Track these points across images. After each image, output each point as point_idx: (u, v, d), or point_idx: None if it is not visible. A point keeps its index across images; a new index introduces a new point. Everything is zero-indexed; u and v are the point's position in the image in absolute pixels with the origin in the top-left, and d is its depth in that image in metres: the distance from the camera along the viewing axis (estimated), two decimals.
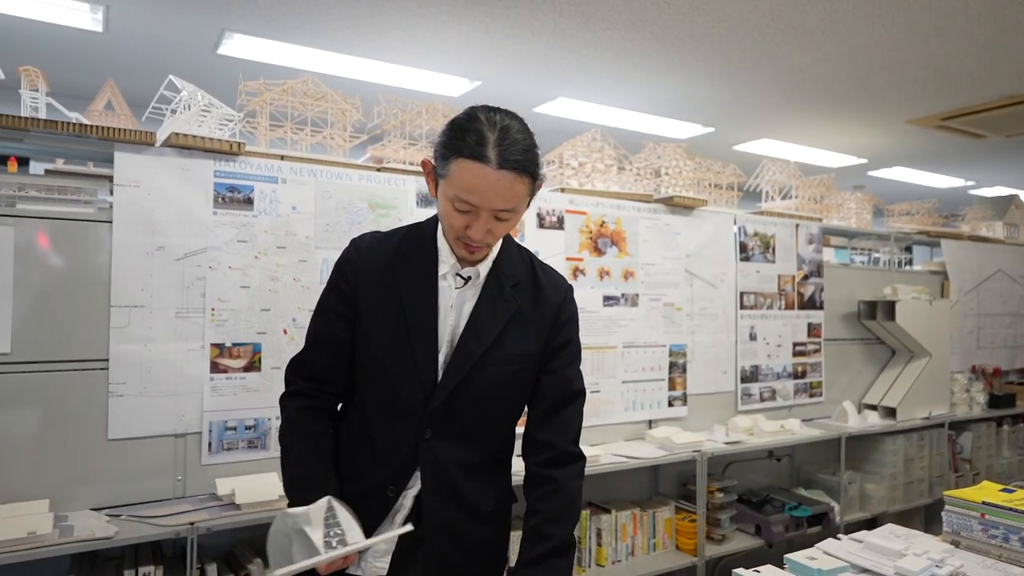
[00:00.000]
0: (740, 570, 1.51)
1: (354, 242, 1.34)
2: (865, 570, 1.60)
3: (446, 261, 1.28)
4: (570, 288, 1.42)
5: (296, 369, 1.36)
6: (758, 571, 1.51)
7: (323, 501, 1.16)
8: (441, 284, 1.28)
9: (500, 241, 1.33)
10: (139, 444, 2.00)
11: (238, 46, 3.56)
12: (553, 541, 1.27)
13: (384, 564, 1.29)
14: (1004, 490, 1.81)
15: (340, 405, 1.41)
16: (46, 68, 2.01)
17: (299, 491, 1.22)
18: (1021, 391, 4.48)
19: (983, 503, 1.73)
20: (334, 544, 1.09)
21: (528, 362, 1.33)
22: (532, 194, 1.21)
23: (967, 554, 1.66)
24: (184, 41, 3.53)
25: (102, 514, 1.88)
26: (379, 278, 1.28)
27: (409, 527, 1.21)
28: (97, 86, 2.16)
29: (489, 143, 1.12)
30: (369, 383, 1.30)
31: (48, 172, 2.04)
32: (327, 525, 1.11)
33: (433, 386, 1.26)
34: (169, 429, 2.04)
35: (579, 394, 1.41)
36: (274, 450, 2.17)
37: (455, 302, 1.29)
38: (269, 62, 3.70)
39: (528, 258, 1.40)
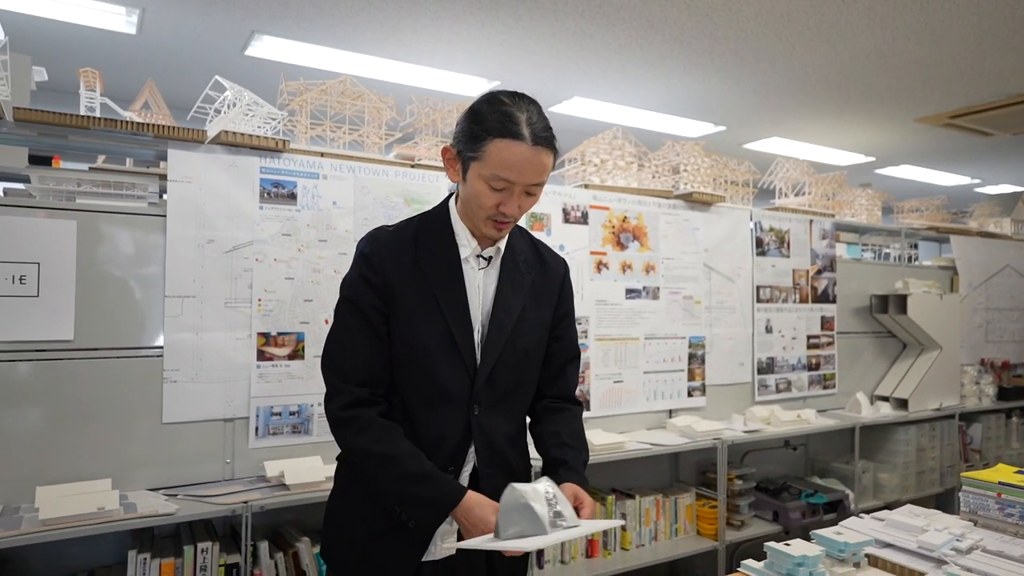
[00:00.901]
0: (771, 543, 1.60)
1: (371, 237, 1.36)
2: (889, 544, 1.69)
3: (466, 245, 1.34)
4: (566, 262, 1.54)
5: (343, 374, 1.30)
6: (788, 544, 1.60)
7: (544, 480, 1.20)
8: (465, 268, 1.34)
9: None
10: (191, 428, 2.10)
11: (266, 48, 3.65)
12: (583, 454, 1.44)
13: (452, 543, 1.34)
14: (1019, 472, 1.89)
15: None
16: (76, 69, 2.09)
17: (445, 483, 1.26)
18: None
19: (999, 483, 1.81)
20: (559, 523, 1.14)
21: (545, 329, 1.44)
22: (553, 167, 1.30)
23: (985, 531, 1.74)
24: (213, 43, 3.62)
25: (159, 494, 1.98)
26: (406, 269, 1.31)
27: (621, 521, 1.26)
28: (129, 88, 2.26)
29: (521, 122, 1.21)
30: (412, 374, 1.32)
31: (92, 169, 2.13)
32: (550, 505, 1.15)
33: (475, 366, 1.33)
34: (219, 414, 2.13)
35: (579, 354, 1.56)
36: (317, 435, 2.27)
37: (481, 283, 1.36)
38: (295, 63, 3.79)
39: (526, 235, 1.49)
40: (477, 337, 1.34)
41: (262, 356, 2.19)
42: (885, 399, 3.85)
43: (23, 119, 1.86)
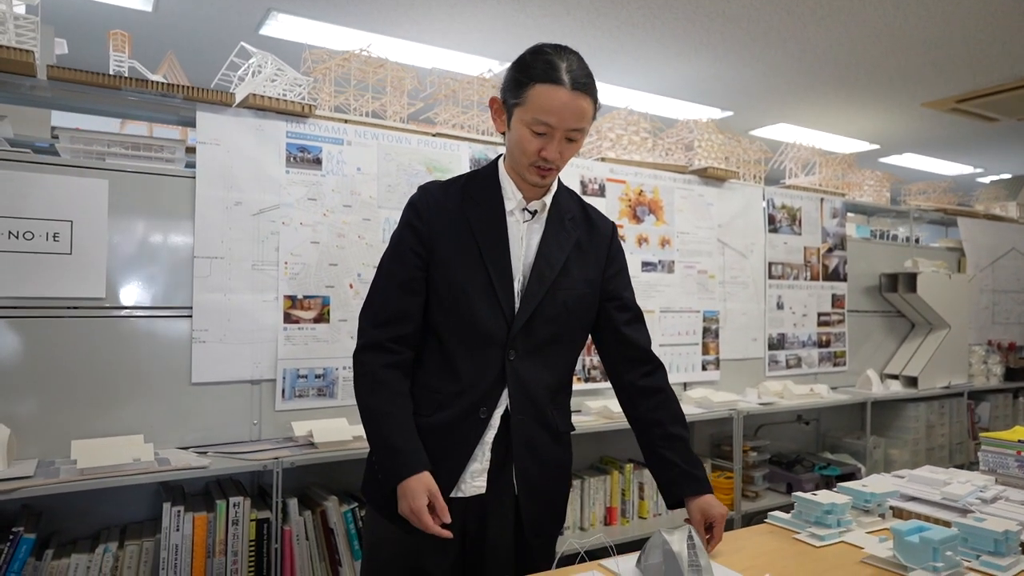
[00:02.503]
0: (799, 493, 1.63)
1: (422, 188, 1.43)
2: (913, 498, 1.71)
3: (512, 198, 1.39)
4: (613, 223, 1.56)
5: (372, 317, 1.38)
6: (816, 493, 1.63)
7: (685, 528, 1.23)
8: (509, 220, 1.39)
9: (557, 178, 1.45)
10: (219, 389, 2.11)
11: (281, 27, 3.67)
12: (686, 439, 1.48)
13: (482, 483, 1.37)
14: None
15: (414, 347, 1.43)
16: (97, 46, 2.10)
17: (402, 457, 1.30)
18: None
19: (1020, 442, 1.83)
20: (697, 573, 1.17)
21: (591, 287, 1.46)
22: (594, 117, 1.34)
23: (1005, 487, 1.77)
24: (229, 20, 3.63)
25: (190, 451, 2.00)
26: (451, 218, 1.37)
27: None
28: (145, 64, 2.26)
29: (562, 68, 1.26)
30: (452, 316, 1.36)
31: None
32: (688, 548, 1.19)
33: (513, 312, 1.36)
34: (246, 375, 2.15)
35: (641, 313, 1.56)
36: (342, 398, 2.29)
37: (524, 234, 1.39)
38: (309, 43, 3.80)
39: (575, 196, 1.53)
40: (517, 286, 1.37)
41: (288, 319, 2.21)
42: (895, 377, 3.88)
43: (56, 77, 1.88)
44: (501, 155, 1.44)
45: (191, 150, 2.14)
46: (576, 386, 2.87)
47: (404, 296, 1.36)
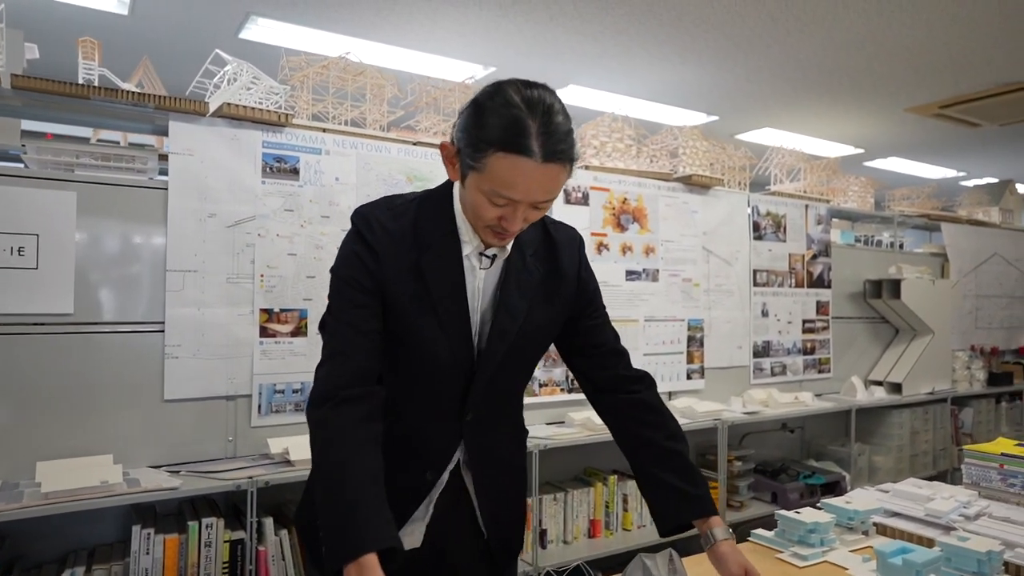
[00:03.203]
0: (782, 511, 1.61)
1: (365, 217, 1.17)
2: (896, 513, 1.70)
3: (469, 242, 1.16)
4: (580, 237, 1.35)
5: (337, 373, 1.12)
6: (799, 512, 1.61)
7: (667, 552, 1.14)
8: (465, 265, 1.17)
9: None
10: (193, 405, 2.07)
11: (261, 31, 3.61)
12: (685, 455, 1.29)
13: (419, 537, 1.23)
14: (1019, 444, 1.92)
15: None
16: (71, 51, 2.04)
17: (337, 526, 1.03)
18: (1018, 370, 4.63)
19: (1002, 455, 1.83)
20: None
21: (555, 323, 1.29)
22: (570, 174, 1.10)
23: (989, 501, 1.76)
24: (207, 25, 3.57)
25: (161, 470, 1.95)
26: (404, 263, 1.15)
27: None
28: (120, 70, 2.21)
29: (532, 133, 0.99)
30: (401, 376, 1.20)
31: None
32: (670, 573, 1.14)
33: (471, 372, 1.19)
34: (221, 391, 2.10)
35: (618, 336, 1.39)
36: None
37: (482, 285, 1.19)
38: (289, 47, 3.74)
39: (537, 222, 1.28)
40: (475, 341, 1.20)
41: (265, 332, 2.17)
42: (879, 383, 3.89)
43: (21, 87, 1.82)
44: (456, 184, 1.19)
45: (165, 158, 2.09)
46: (559, 397, 2.88)
47: (370, 342, 1.14)
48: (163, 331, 2.02)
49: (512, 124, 1.00)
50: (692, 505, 1.24)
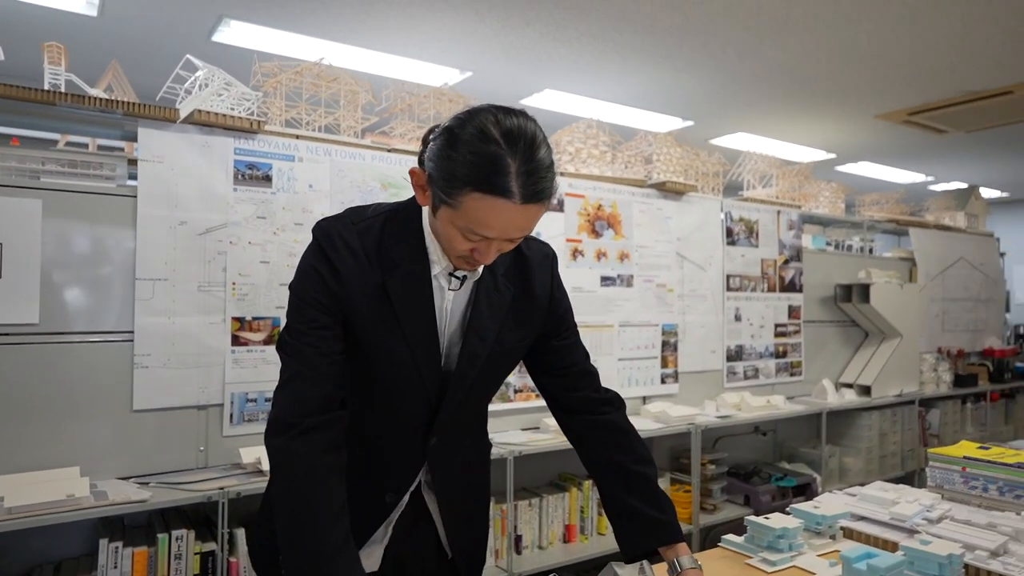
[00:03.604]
0: (751, 517, 1.63)
1: (331, 235, 1.10)
2: (862, 517, 1.73)
3: (437, 262, 1.12)
4: (554, 254, 1.31)
5: (298, 398, 1.07)
6: (768, 517, 1.63)
7: (637, 564, 1.14)
8: (434, 284, 1.13)
9: None
10: (163, 415, 2.04)
11: (234, 33, 3.57)
12: (653, 479, 1.27)
13: (376, 559, 1.21)
14: (981, 447, 1.97)
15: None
16: (38, 51, 2.00)
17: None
18: (983, 371, 4.74)
19: (964, 458, 1.87)
20: None
21: (524, 343, 1.25)
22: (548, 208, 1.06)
23: (951, 504, 1.80)
24: (179, 27, 3.53)
25: (130, 482, 1.92)
26: (369, 282, 1.09)
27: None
28: (89, 74, 2.17)
29: (511, 174, 0.93)
30: (365, 398, 1.16)
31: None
32: None
33: (439, 396, 1.16)
34: (192, 401, 2.08)
35: (587, 353, 1.37)
36: None
37: (451, 306, 1.15)
38: (264, 50, 3.71)
39: None
40: (443, 362, 1.16)
41: (237, 341, 2.15)
42: (849, 386, 3.96)
43: None
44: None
45: (135, 163, 2.06)
46: (534, 403, 2.89)
47: (334, 376, 1.10)
48: (132, 340, 1.99)
49: (490, 163, 0.93)
50: (659, 531, 1.22)
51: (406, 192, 2.47)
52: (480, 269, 1.15)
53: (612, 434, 1.30)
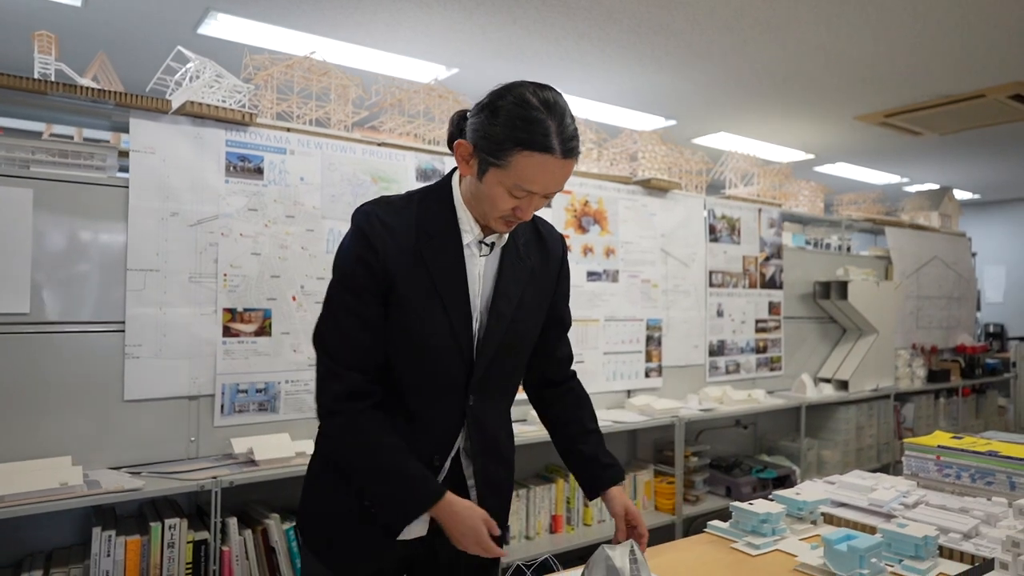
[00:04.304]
0: (737, 503, 1.68)
1: (366, 213, 1.24)
2: (842, 504, 1.79)
3: (469, 231, 1.26)
4: (565, 242, 1.49)
5: (339, 360, 1.22)
6: (752, 503, 1.69)
7: (628, 543, 1.22)
8: (465, 253, 1.27)
9: None
10: (154, 405, 2.04)
11: (220, 26, 3.55)
12: (599, 433, 1.50)
13: (424, 526, 1.26)
14: (954, 437, 2.04)
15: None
16: (23, 43, 1.99)
17: (423, 483, 1.20)
18: (955, 367, 4.87)
19: (938, 447, 1.94)
20: None
21: (542, 311, 1.40)
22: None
23: (926, 490, 1.87)
24: (165, 19, 3.50)
25: (122, 472, 1.92)
26: (405, 253, 1.22)
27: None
28: (73, 63, 2.16)
29: (552, 133, 1.12)
30: (409, 362, 1.26)
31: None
32: (631, 563, 1.20)
33: (472, 357, 1.27)
34: (183, 391, 2.08)
35: (569, 326, 1.55)
36: (284, 413, 2.24)
37: (481, 271, 1.29)
38: (250, 43, 3.70)
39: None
40: (475, 325, 1.28)
41: (228, 332, 2.15)
42: (827, 381, 4.05)
43: None
44: (453, 173, 1.30)
45: (125, 155, 2.06)
46: (519, 395, 2.89)
47: (369, 336, 1.23)
48: (123, 331, 1.99)
49: (534, 125, 1.12)
50: (615, 473, 1.44)
51: (397, 186, 2.49)
52: (506, 236, 1.30)
53: (578, 399, 1.52)
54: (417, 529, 1.24)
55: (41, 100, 1.92)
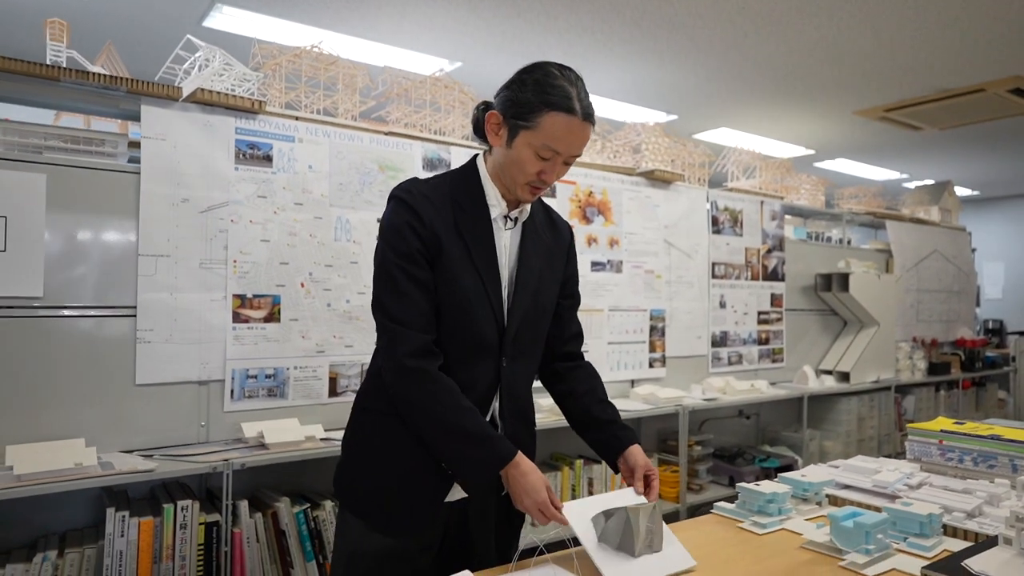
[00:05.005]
0: (743, 484, 1.70)
1: (407, 190, 1.36)
2: (847, 486, 1.82)
3: (496, 205, 1.39)
4: (572, 229, 1.64)
5: (405, 323, 1.29)
6: (758, 484, 1.71)
7: (651, 506, 1.29)
8: (493, 227, 1.39)
9: None
10: (165, 390, 2.06)
11: (226, 19, 3.57)
12: (614, 405, 1.56)
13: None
14: (956, 423, 2.06)
15: None
16: (30, 36, 2.00)
17: (497, 442, 1.28)
18: (955, 360, 4.90)
19: (941, 431, 1.96)
20: (648, 549, 1.25)
21: (558, 287, 1.52)
22: None
23: (929, 473, 1.89)
24: (170, 11, 3.52)
25: (133, 455, 1.94)
26: (445, 223, 1.34)
27: (693, 563, 1.30)
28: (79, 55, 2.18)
29: (574, 97, 1.28)
30: (451, 324, 1.35)
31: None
32: (649, 529, 1.25)
33: (504, 320, 1.38)
34: (194, 376, 2.10)
35: (579, 303, 1.65)
36: (292, 399, 2.26)
37: (508, 243, 1.41)
38: (255, 37, 3.71)
39: (539, 200, 1.56)
40: (505, 293, 1.40)
41: (238, 318, 2.17)
42: (829, 372, 4.07)
43: None
44: (477, 156, 1.44)
45: (133, 144, 2.07)
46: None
47: (427, 302, 1.32)
48: (135, 316, 2.01)
49: (560, 90, 1.28)
50: (631, 433, 1.51)
51: (404, 175, 2.51)
52: (528, 209, 1.43)
53: (590, 374, 1.60)
54: (459, 492, 1.36)
55: (53, 87, 1.93)
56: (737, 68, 4.42)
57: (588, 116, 1.31)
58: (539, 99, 1.28)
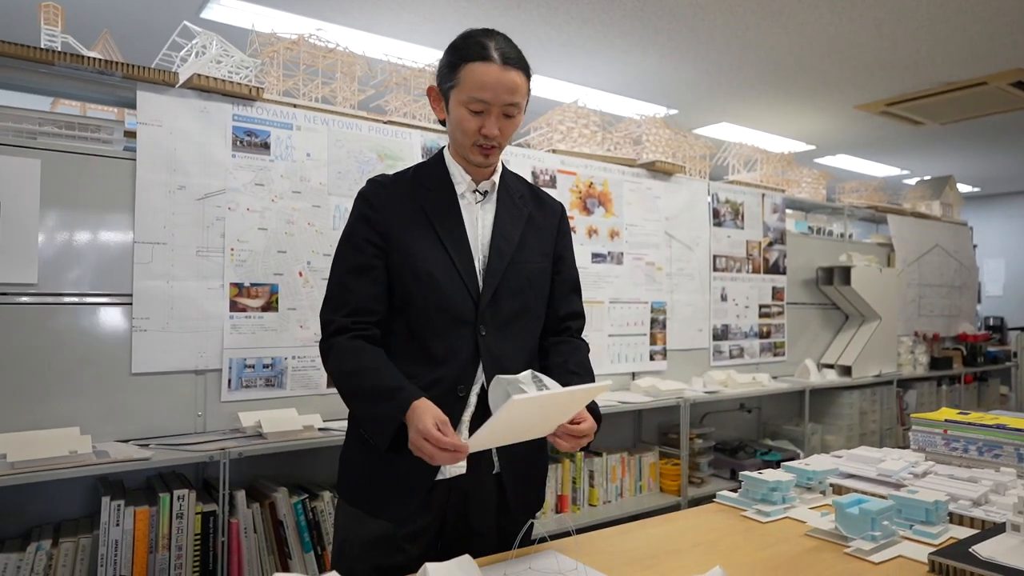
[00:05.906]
0: (747, 472, 1.68)
1: (371, 181, 1.44)
2: (851, 475, 1.80)
3: (461, 181, 1.42)
4: (563, 206, 1.61)
5: (333, 307, 1.36)
6: (761, 472, 1.69)
7: (528, 372, 1.25)
8: (461, 203, 1.42)
9: (500, 161, 1.48)
10: (161, 379, 2.04)
11: (224, 11, 3.54)
12: (581, 376, 1.46)
13: (463, 463, 1.33)
14: (961, 413, 2.04)
15: (381, 333, 1.41)
16: (25, 25, 1.98)
17: (398, 393, 1.23)
18: (957, 355, 4.88)
19: (946, 421, 1.94)
20: (543, 387, 1.21)
21: (547, 261, 1.51)
22: (529, 92, 1.39)
23: (933, 463, 1.87)
24: (169, 2, 3.49)
25: (129, 444, 1.92)
26: (404, 206, 1.39)
27: (608, 383, 1.27)
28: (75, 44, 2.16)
29: (491, 47, 1.31)
30: (418, 300, 1.36)
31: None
32: (535, 380, 1.22)
33: (478, 289, 1.38)
34: (190, 365, 2.08)
35: (578, 286, 1.61)
36: (291, 388, 2.24)
37: (479, 215, 1.43)
38: (253, 28, 3.69)
39: (521, 179, 1.57)
40: (478, 264, 1.40)
41: (235, 307, 2.15)
42: (830, 366, 4.05)
43: None
44: (446, 145, 1.47)
45: (129, 134, 2.05)
46: None
47: (363, 283, 1.35)
48: (131, 304, 1.99)
49: (477, 44, 1.32)
50: (578, 380, 1.42)
51: (402, 163, 2.49)
52: (496, 182, 1.46)
53: (573, 348, 1.54)
54: (457, 467, 1.33)
55: (48, 71, 1.91)
56: (738, 61, 4.40)
57: (508, 61, 1.31)
58: (456, 57, 1.32)
